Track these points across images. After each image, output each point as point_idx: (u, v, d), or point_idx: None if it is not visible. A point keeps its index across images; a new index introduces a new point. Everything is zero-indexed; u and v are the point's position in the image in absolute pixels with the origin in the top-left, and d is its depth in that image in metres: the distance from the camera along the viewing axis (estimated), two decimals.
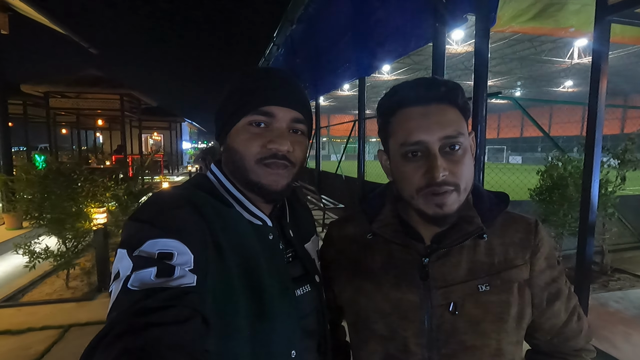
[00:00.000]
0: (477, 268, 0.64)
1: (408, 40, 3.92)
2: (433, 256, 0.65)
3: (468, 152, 0.63)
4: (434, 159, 0.59)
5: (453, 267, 0.65)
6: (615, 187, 3.72)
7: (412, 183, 0.62)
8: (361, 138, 6.05)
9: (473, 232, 0.64)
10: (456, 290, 0.64)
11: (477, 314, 0.63)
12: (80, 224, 3.50)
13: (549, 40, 16.87)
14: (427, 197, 0.60)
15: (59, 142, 13.43)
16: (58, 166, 3.59)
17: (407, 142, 0.62)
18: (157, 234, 0.50)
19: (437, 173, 0.58)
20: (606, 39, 2.12)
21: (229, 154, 0.66)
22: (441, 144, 0.60)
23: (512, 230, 0.68)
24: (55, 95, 9.28)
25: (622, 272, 3.88)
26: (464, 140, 0.62)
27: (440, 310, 0.64)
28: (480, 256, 0.65)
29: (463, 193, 0.61)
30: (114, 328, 0.40)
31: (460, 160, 0.61)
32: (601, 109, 2.10)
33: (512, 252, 0.66)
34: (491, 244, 0.66)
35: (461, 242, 0.64)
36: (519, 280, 0.64)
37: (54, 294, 3.40)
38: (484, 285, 0.63)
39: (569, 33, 3.66)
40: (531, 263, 0.66)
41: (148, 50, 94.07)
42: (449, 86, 0.62)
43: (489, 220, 0.66)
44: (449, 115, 0.62)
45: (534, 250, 0.66)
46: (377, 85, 28.25)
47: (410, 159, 0.62)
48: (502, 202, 0.69)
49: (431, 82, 0.63)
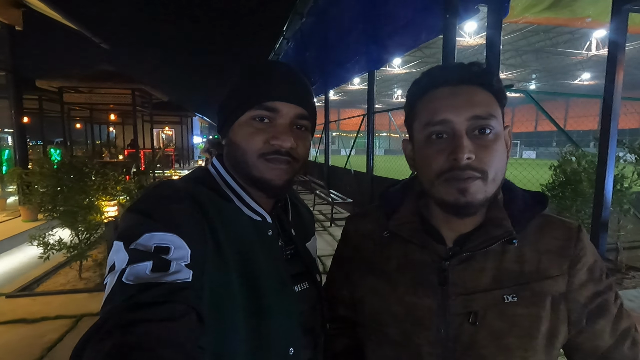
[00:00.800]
0: (504, 276, 0.58)
1: (419, 32, 3.85)
2: (454, 260, 0.59)
3: (500, 139, 0.57)
4: (459, 139, 0.54)
5: (476, 274, 0.59)
6: (631, 183, 3.62)
7: (434, 167, 0.56)
8: (370, 132, 6.01)
9: (501, 236, 0.58)
10: (478, 299, 0.58)
11: (501, 327, 0.56)
12: (92, 216, 3.57)
13: (565, 31, 16.40)
14: (448, 182, 0.55)
15: (73, 136, 13.69)
16: (70, 160, 3.66)
17: (431, 122, 0.57)
18: (154, 227, 0.50)
19: (462, 154, 0.52)
20: (623, 29, 2.05)
21: (230, 148, 0.65)
22: (469, 125, 0.55)
23: (549, 236, 0.60)
24: (69, 90, 9.43)
25: (637, 270, 3.78)
26: (496, 124, 0.56)
27: (459, 320, 0.58)
28: (508, 263, 0.58)
29: (491, 184, 0.55)
30: (107, 322, 0.40)
31: (489, 146, 0.55)
32: (617, 101, 2.03)
33: (547, 261, 0.58)
34: (522, 251, 0.59)
35: (487, 247, 0.58)
36: (552, 293, 0.57)
37: (68, 284, 3.48)
38: (510, 296, 0.57)
39: (585, 23, 3.55)
40: (570, 274, 0.58)
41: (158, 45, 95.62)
42: (482, 68, 0.58)
43: (521, 223, 0.59)
44: (480, 95, 0.56)
45: (573, 260, 0.58)
46: (387, 79, 27.97)
47: (433, 141, 0.57)
48: (539, 203, 0.62)
49: (463, 65, 0.58)
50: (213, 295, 0.53)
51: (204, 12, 20.94)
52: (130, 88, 9.45)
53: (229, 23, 23.34)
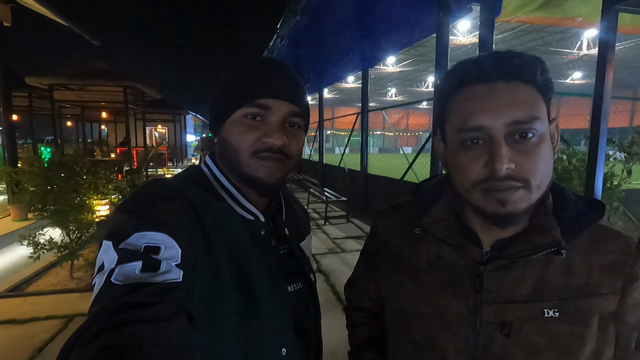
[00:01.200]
0: (546, 288, 0.53)
1: (412, 30, 3.87)
2: (491, 265, 0.55)
3: (546, 141, 0.51)
4: (497, 147, 0.49)
5: (514, 282, 0.54)
6: (621, 181, 3.67)
7: (469, 175, 0.52)
8: (364, 131, 6.02)
9: (547, 245, 0.52)
10: (514, 310, 0.54)
11: (538, 343, 0.52)
12: (83, 215, 3.53)
13: (557, 31, 16.57)
14: (486, 192, 0.50)
15: (64, 134, 13.51)
16: (60, 158, 3.62)
17: (465, 127, 0.51)
18: (144, 227, 0.49)
19: (500, 165, 0.48)
20: (613, 29, 2.07)
21: (223, 146, 0.64)
22: (508, 131, 0.49)
23: (603, 249, 0.54)
24: (60, 88, 9.30)
25: None
26: (540, 126, 0.49)
27: (491, 329, 0.54)
28: (552, 274, 0.53)
29: (535, 191, 0.50)
30: (95, 324, 0.39)
31: (532, 151, 0.49)
32: (607, 100, 2.06)
33: (598, 277, 0.53)
34: (570, 263, 0.53)
35: (529, 255, 0.53)
36: (601, 312, 0.52)
37: (59, 284, 3.44)
38: (551, 310, 0.52)
39: (576, 23, 3.59)
40: (623, 294, 0.53)
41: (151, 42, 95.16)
42: (523, 59, 0.50)
43: (572, 233, 0.54)
44: (521, 94, 0.50)
45: (629, 279, 0.53)
46: (381, 77, 28.01)
47: (468, 147, 0.52)
48: (594, 212, 0.56)
49: (502, 56, 0.51)
50: (204, 295, 0.52)
51: (197, 8, 20.70)
52: (122, 85, 9.35)
53: (223, 20, 23.11)
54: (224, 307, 0.55)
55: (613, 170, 3.60)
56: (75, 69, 9.02)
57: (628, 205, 4.26)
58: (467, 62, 0.54)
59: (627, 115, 28.25)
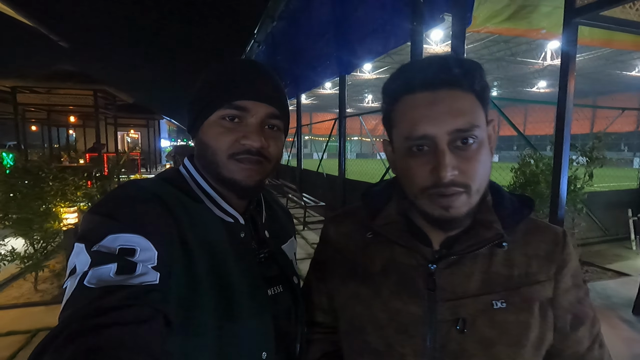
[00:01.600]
0: (493, 281, 0.56)
1: (387, 38, 3.95)
2: (442, 263, 0.57)
3: (484, 146, 0.54)
4: (441, 156, 0.51)
5: (464, 278, 0.56)
6: (583, 184, 3.88)
7: (416, 182, 0.54)
8: (342, 136, 6.07)
9: (491, 239, 0.55)
10: (466, 305, 0.55)
11: (491, 335, 0.54)
12: (50, 224, 3.36)
13: (523, 41, 17.41)
14: (432, 197, 0.53)
15: (28, 139, 12.84)
16: (24, 164, 3.43)
17: (411, 136, 0.53)
18: (118, 229, 0.48)
19: (445, 172, 0.50)
20: (574, 41, 2.20)
21: (200, 148, 0.64)
22: (451, 138, 0.52)
23: (537, 241, 0.59)
24: (24, 91, 8.87)
25: (590, 264, 4.06)
26: (479, 132, 0.53)
27: (446, 327, 0.55)
28: (497, 267, 0.56)
29: (475, 195, 0.53)
30: (67, 328, 0.38)
31: (473, 157, 0.52)
32: (569, 108, 2.18)
33: (535, 266, 0.57)
34: (511, 255, 0.57)
35: (476, 250, 0.56)
36: (541, 298, 0.56)
37: (22, 297, 3.24)
38: (499, 302, 0.55)
39: (540, 34, 3.79)
40: (556, 280, 0.57)
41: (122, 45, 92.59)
42: (464, 67, 0.53)
43: (510, 226, 0.57)
44: (461, 102, 0.52)
45: (560, 265, 0.58)
46: (358, 84, 28.41)
47: (415, 154, 0.54)
48: (526, 207, 0.60)
49: (443, 63, 0.54)
50: (181, 298, 0.52)
51: (172, 10, 20.54)
52: (92, 89, 9.02)
53: (199, 23, 23.07)
54: (201, 309, 0.54)
55: (576, 173, 3.80)
56: (41, 71, 8.62)
57: (590, 206, 4.51)
58: (410, 67, 0.56)
59: (587, 123, 29.94)
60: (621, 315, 2.83)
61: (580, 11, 2.15)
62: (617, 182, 5.76)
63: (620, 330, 2.62)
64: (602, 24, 2.32)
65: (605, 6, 2.09)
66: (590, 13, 2.14)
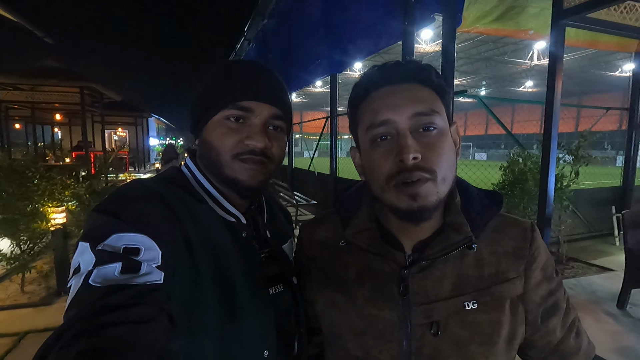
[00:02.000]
0: (464, 283, 0.56)
1: (378, 38, 3.97)
2: (414, 268, 0.57)
3: (446, 136, 0.55)
4: (403, 139, 0.52)
5: (436, 281, 0.56)
6: (569, 182, 3.98)
7: (381, 172, 0.54)
8: (333, 135, 6.09)
9: (460, 242, 0.56)
10: (439, 308, 0.56)
11: (463, 336, 0.55)
12: (37, 224, 3.29)
13: (511, 42, 17.66)
14: (398, 187, 0.53)
15: (12, 137, 12.54)
16: (10, 163, 3.35)
17: (373, 124, 0.55)
18: (123, 228, 0.48)
19: (407, 154, 0.50)
20: (561, 42, 2.25)
21: (204, 148, 0.64)
22: (412, 123, 0.53)
23: (505, 238, 0.59)
24: (7, 88, 8.64)
25: (575, 260, 4.16)
26: (439, 121, 0.54)
27: (421, 331, 0.56)
28: (467, 268, 0.57)
29: (441, 184, 0.53)
30: (72, 327, 0.38)
31: (435, 143, 0.53)
32: (557, 107, 2.23)
33: (505, 263, 0.57)
34: (481, 254, 0.57)
35: (446, 254, 0.56)
36: (511, 295, 0.57)
37: (8, 299, 3.17)
38: (471, 303, 0.55)
39: (528, 35, 3.85)
40: (526, 276, 0.58)
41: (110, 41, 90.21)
42: (418, 64, 0.56)
43: (480, 226, 0.58)
44: (420, 92, 0.55)
45: (529, 261, 0.58)
46: (349, 82, 28.45)
47: (378, 144, 0.55)
48: (495, 204, 0.60)
49: (399, 62, 0.57)
50: (184, 297, 0.52)
51: (162, 6, 19.53)
52: (79, 86, 8.84)
53: (188, 20, 22.04)
54: (204, 308, 0.55)
55: (563, 172, 3.89)
56: (25, 67, 8.41)
57: (576, 204, 4.62)
58: (372, 70, 0.59)
59: (573, 122, 30.61)
60: (606, 309, 2.91)
61: (567, 13, 2.20)
62: (601, 180, 5.90)
63: (606, 324, 2.70)
64: (589, 26, 2.38)
65: (591, 8, 2.14)
66: (577, 15, 2.19)
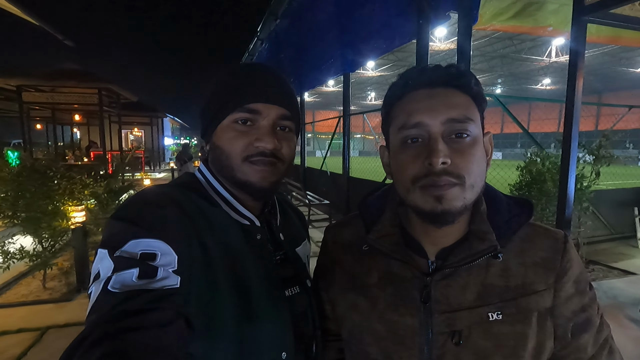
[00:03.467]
0: (489, 292, 0.55)
1: (392, 36, 3.94)
2: (437, 275, 0.56)
3: (479, 144, 0.54)
4: (434, 143, 0.51)
5: (460, 290, 0.56)
6: (590, 182, 3.86)
7: (409, 172, 0.54)
8: (346, 134, 6.06)
9: (485, 251, 0.54)
10: (462, 317, 0.55)
11: (486, 347, 0.54)
12: (57, 222, 3.39)
13: (528, 38, 17.28)
14: (424, 189, 0.52)
15: (33, 137, 12.93)
16: (32, 163, 3.46)
17: (406, 125, 0.54)
18: (139, 234, 0.49)
19: (436, 158, 0.50)
20: (583, 39, 2.19)
21: (215, 152, 0.65)
22: (445, 129, 0.52)
23: (535, 248, 0.57)
24: (29, 89, 8.92)
25: (596, 263, 4.04)
26: (474, 128, 0.53)
27: (442, 339, 0.55)
28: (493, 278, 0.55)
29: (469, 191, 0.52)
30: (93, 332, 0.39)
31: (467, 150, 0.52)
32: (578, 106, 2.17)
33: (533, 275, 0.55)
34: (507, 264, 0.56)
35: (470, 262, 0.55)
36: (539, 308, 0.55)
37: (30, 295, 3.28)
38: (495, 314, 0.54)
39: (547, 32, 3.76)
40: (555, 288, 0.56)
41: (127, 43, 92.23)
42: (461, 71, 0.56)
43: (507, 235, 0.56)
44: (457, 98, 0.54)
45: (560, 273, 0.56)
46: (362, 81, 28.34)
47: (408, 145, 0.54)
48: (525, 212, 0.59)
49: (439, 66, 0.57)
50: (201, 301, 0.52)
51: (177, 10, 19.86)
52: (97, 87, 9.07)
53: (202, 22, 22.30)
54: (221, 311, 0.55)
55: (583, 172, 3.78)
56: (46, 69, 8.67)
57: (597, 205, 4.49)
58: (411, 71, 0.58)
59: (593, 120, 29.76)
60: (628, 314, 2.82)
61: (589, 9, 2.14)
62: (623, 180, 5.72)
63: (628, 330, 2.61)
64: (611, 22, 2.30)
65: (614, 4, 2.07)
66: (599, 11, 2.13)
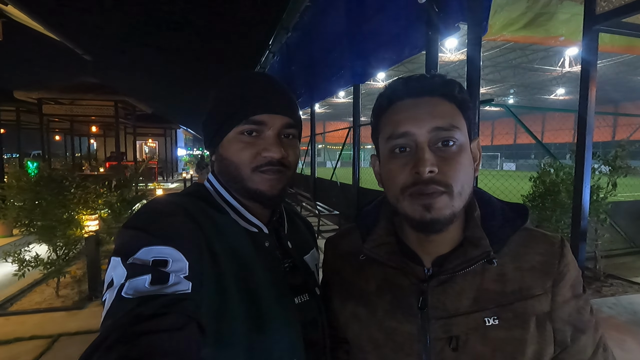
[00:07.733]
0: (485, 298, 0.55)
1: (402, 48, 3.96)
2: (433, 281, 0.57)
3: (465, 151, 0.55)
4: (421, 152, 0.53)
5: (456, 295, 0.56)
6: (606, 193, 3.76)
7: (397, 181, 0.55)
8: (356, 145, 6.07)
9: (478, 257, 0.55)
10: (458, 323, 0.55)
11: (484, 353, 0.54)
12: (72, 231, 3.46)
13: (540, 48, 17.14)
14: (412, 197, 0.53)
15: (52, 148, 13.32)
16: (49, 172, 3.56)
17: (393, 135, 0.56)
18: (151, 241, 0.50)
19: (423, 167, 0.51)
20: (594, 48, 2.16)
21: (222, 164, 0.66)
22: (431, 137, 0.54)
23: (531, 252, 0.57)
24: (49, 102, 9.23)
25: (615, 277, 3.90)
26: (459, 136, 0.54)
27: (440, 345, 0.55)
28: (489, 283, 0.56)
29: (457, 198, 0.53)
30: (109, 337, 0.40)
31: (453, 158, 0.53)
32: (591, 115, 2.13)
33: (530, 279, 0.56)
34: (504, 269, 0.56)
35: (465, 268, 0.55)
36: (537, 313, 0.55)
37: (44, 302, 3.33)
38: (491, 319, 0.54)
39: (559, 42, 3.72)
40: (553, 293, 0.56)
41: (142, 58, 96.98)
42: (443, 78, 0.57)
43: (501, 240, 0.57)
44: (442, 107, 0.55)
45: (557, 278, 0.56)
46: (372, 92, 28.47)
47: (397, 155, 0.56)
48: (519, 217, 0.59)
49: (424, 75, 0.58)
50: (212, 307, 0.53)
51: (190, 23, 21.18)
52: (113, 100, 9.33)
53: (215, 35, 23.73)
54: (232, 318, 0.56)
55: (599, 183, 3.69)
56: (65, 83, 8.97)
57: (613, 217, 4.36)
58: (397, 81, 0.59)
59: (609, 130, 29.13)
60: None
61: (600, 18, 2.12)
62: None
63: None
64: (623, 31, 2.28)
65: (626, 13, 2.05)
66: (611, 20, 2.11)
